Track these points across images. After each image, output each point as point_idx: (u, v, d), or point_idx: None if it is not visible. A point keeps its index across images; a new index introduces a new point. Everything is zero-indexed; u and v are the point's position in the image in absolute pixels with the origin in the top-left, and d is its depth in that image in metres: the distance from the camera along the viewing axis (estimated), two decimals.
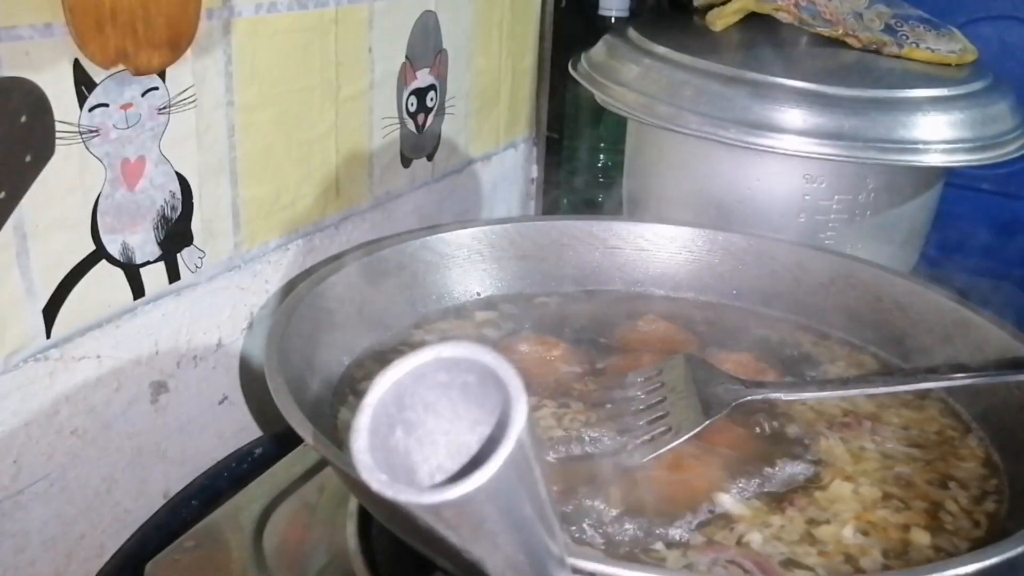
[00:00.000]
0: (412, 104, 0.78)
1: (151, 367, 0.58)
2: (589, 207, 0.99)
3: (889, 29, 0.78)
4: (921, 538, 0.46)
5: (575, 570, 0.33)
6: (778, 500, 0.47)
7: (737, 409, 0.51)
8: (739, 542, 0.44)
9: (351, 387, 0.54)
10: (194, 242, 0.59)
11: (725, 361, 0.58)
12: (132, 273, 0.55)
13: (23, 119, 0.46)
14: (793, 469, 0.50)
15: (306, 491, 0.56)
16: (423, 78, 0.78)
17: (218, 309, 0.63)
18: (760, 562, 0.43)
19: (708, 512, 0.46)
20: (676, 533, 0.44)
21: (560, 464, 0.49)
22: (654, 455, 0.48)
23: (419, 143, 0.80)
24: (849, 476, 0.49)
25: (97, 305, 0.54)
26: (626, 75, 0.73)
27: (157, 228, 0.56)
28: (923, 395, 0.57)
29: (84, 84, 0.49)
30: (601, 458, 0.49)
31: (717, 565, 0.42)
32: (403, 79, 0.76)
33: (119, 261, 0.54)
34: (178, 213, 0.57)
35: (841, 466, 0.50)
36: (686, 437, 0.49)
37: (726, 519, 0.45)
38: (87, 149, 0.50)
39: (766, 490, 0.48)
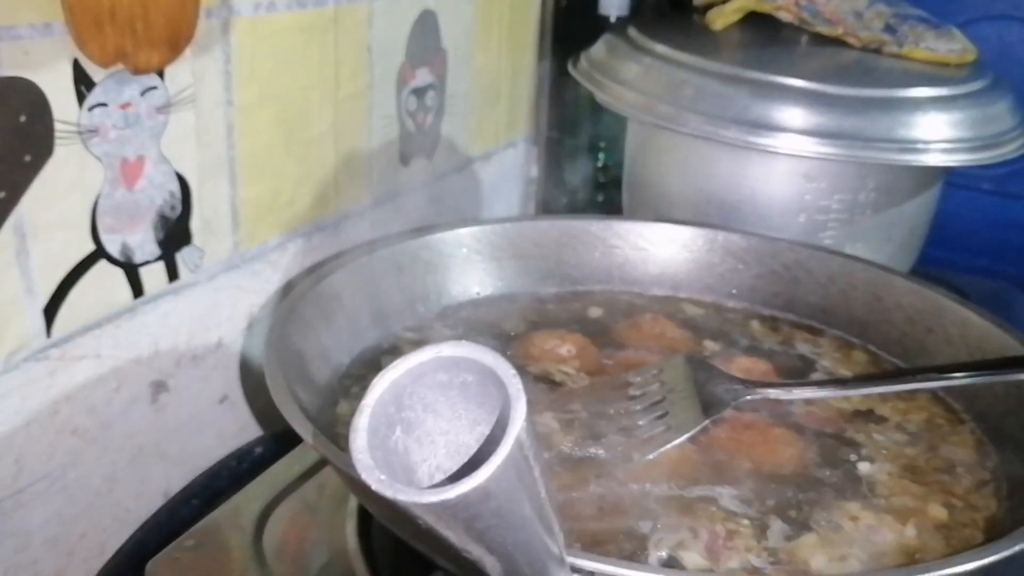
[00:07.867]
0: (411, 103, 0.77)
1: (151, 367, 0.58)
2: (589, 207, 0.99)
3: (889, 28, 0.78)
4: (940, 514, 0.46)
5: (574, 569, 0.33)
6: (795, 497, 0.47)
7: (737, 409, 0.51)
8: (759, 542, 0.44)
9: (351, 387, 0.54)
10: (193, 241, 0.59)
11: (725, 361, 0.58)
12: (132, 273, 0.55)
13: (22, 119, 0.46)
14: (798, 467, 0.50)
15: (306, 491, 0.56)
16: (422, 77, 0.78)
17: (218, 309, 0.63)
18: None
19: (727, 514, 0.46)
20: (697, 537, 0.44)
21: (559, 464, 0.49)
22: (653, 455, 0.48)
23: (418, 142, 0.80)
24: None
25: (97, 305, 0.54)
26: (626, 74, 0.73)
27: (156, 228, 0.56)
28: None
29: (83, 83, 0.49)
30: (600, 458, 0.49)
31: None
32: (402, 78, 0.76)
33: (119, 261, 0.54)
34: (177, 213, 0.57)
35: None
36: (686, 437, 0.49)
37: (743, 520, 0.46)
38: (86, 149, 0.50)
39: (781, 492, 0.48)
